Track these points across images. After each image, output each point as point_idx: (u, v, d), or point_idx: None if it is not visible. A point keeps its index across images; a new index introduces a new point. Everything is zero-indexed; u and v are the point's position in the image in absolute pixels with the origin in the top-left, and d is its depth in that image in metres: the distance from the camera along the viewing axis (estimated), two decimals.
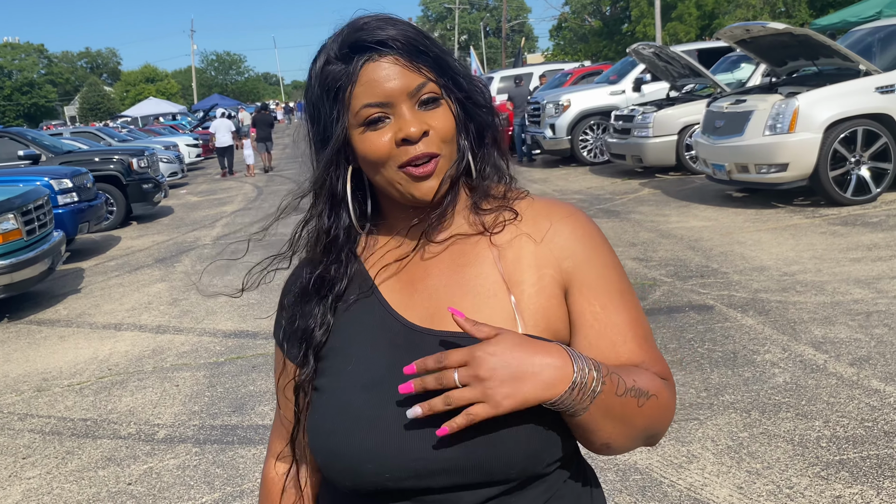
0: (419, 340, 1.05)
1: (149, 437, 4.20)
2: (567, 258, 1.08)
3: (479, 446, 0.97)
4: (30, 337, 6.50)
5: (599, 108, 13.87)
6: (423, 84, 1.04)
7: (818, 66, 8.78)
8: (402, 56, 1.03)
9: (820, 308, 4.97)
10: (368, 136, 1.04)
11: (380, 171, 1.06)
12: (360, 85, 1.03)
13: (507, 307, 1.05)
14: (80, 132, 20.20)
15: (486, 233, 1.10)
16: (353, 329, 1.11)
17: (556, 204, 1.14)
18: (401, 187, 1.05)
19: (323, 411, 1.07)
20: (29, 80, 75.06)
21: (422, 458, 0.98)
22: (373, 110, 1.03)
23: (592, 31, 48.47)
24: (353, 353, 1.08)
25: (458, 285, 1.08)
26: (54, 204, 9.02)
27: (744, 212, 8.35)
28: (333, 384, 1.08)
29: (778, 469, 3.16)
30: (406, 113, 1.03)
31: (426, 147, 1.03)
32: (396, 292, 1.11)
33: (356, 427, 1.02)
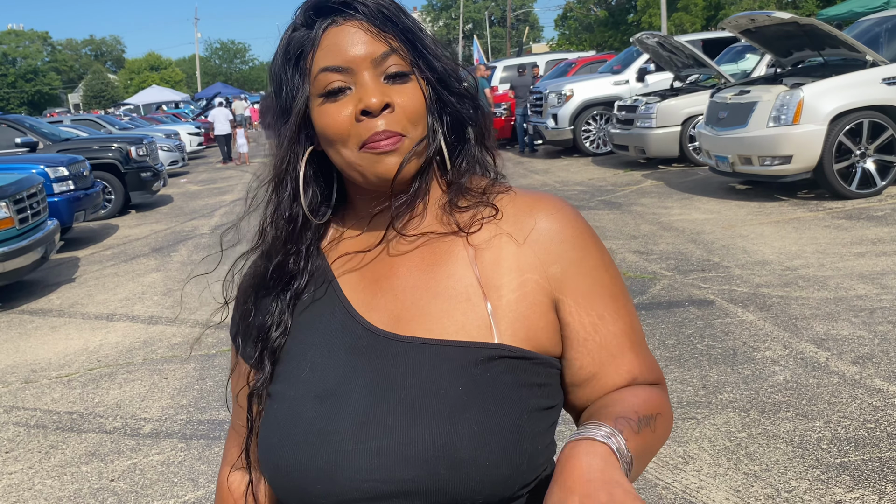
0: (382, 346, 0.94)
1: (134, 432, 4.12)
2: (554, 262, 0.96)
3: (443, 469, 0.86)
4: (21, 327, 6.42)
5: (603, 98, 13.74)
6: (389, 53, 0.94)
7: (824, 57, 8.64)
8: (368, 21, 0.93)
9: (822, 304, 4.86)
10: (327, 108, 0.94)
11: (339, 150, 0.95)
12: (321, 49, 0.94)
13: (483, 313, 0.93)
14: (81, 120, 20.11)
15: (461, 232, 0.98)
16: (310, 331, 1.00)
17: (539, 198, 1.01)
18: (362, 169, 0.95)
19: (273, 422, 0.97)
20: (33, 67, 74.91)
21: (377, 480, 0.88)
22: (332, 76, 0.93)
23: (598, 21, 48.08)
24: (309, 357, 0.97)
25: (426, 286, 0.96)
26: (49, 192, 8.94)
27: (747, 204, 8.23)
28: (286, 391, 0.97)
29: (776, 471, 3.06)
30: (368, 82, 0.93)
31: (388, 124, 0.93)
32: (359, 291, 1.00)
33: (305, 441, 0.91)
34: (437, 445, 0.87)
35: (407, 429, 0.88)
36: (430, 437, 0.87)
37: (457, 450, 0.86)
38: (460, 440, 0.86)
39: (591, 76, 14.89)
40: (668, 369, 4.13)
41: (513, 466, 0.89)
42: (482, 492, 0.88)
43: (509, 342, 0.92)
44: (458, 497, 0.88)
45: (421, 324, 0.94)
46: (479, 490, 0.88)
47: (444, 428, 0.87)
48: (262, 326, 1.02)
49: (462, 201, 1.01)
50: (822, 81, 7.73)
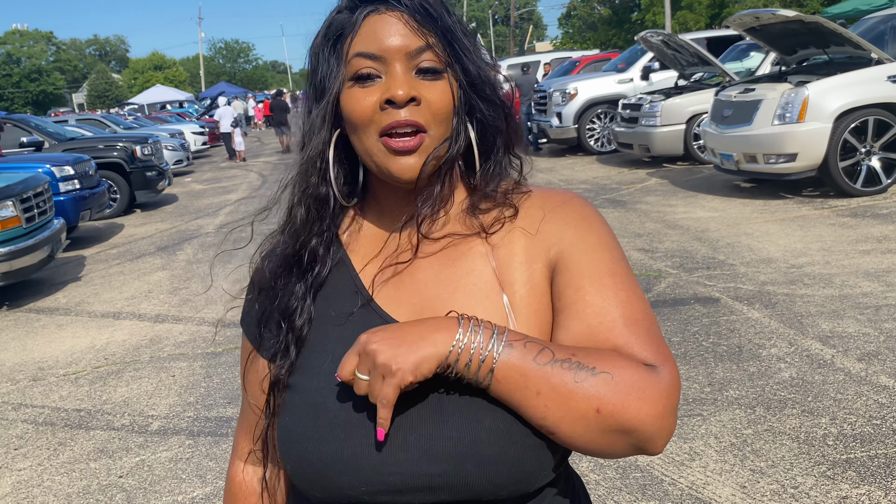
0: None
1: (142, 429, 4.14)
2: (554, 245, 0.97)
3: (468, 464, 0.87)
4: (28, 325, 6.45)
5: (607, 96, 13.73)
6: (424, 48, 0.94)
7: (829, 55, 8.63)
8: (409, 14, 0.95)
9: (828, 301, 4.86)
10: (355, 91, 0.95)
11: (360, 136, 0.96)
12: (359, 35, 0.96)
13: (500, 308, 0.95)
14: (86, 119, 20.15)
15: (482, 234, 1.00)
16: (331, 322, 1.01)
17: (551, 193, 1.04)
18: (377, 160, 0.96)
19: (295, 413, 0.97)
20: (37, 67, 75.08)
21: (403, 473, 0.88)
22: (364, 62, 0.94)
23: (602, 20, 48.07)
24: (331, 349, 0.98)
25: (448, 282, 0.98)
26: (56, 191, 8.97)
27: (751, 202, 8.23)
28: (308, 383, 0.97)
29: (783, 468, 3.07)
30: (399, 73, 0.94)
31: (411, 115, 0.93)
32: (380, 285, 1.01)
33: (330, 434, 0.91)
34: (464, 442, 0.87)
35: (434, 425, 0.89)
36: (458, 434, 0.88)
37: (483, 446, 0.87)
38: (486, 437, 0.87)
39: (595, 74, 14.88)
40: None
41: (536, 463, 0.90)
42: (507, 488, 0.89)
43: (525, 332, 0.93)
44: (483, 493, 0.89)
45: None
46: (503, 486, 0.89)
47: (470, 425, 0.88)
48: (286, 310, 1.02)
49: (484, 203, 1.02)
50: (827, 79, 7.72)
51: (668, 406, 0.86)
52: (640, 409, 0.84)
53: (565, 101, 13.89)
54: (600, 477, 3.15)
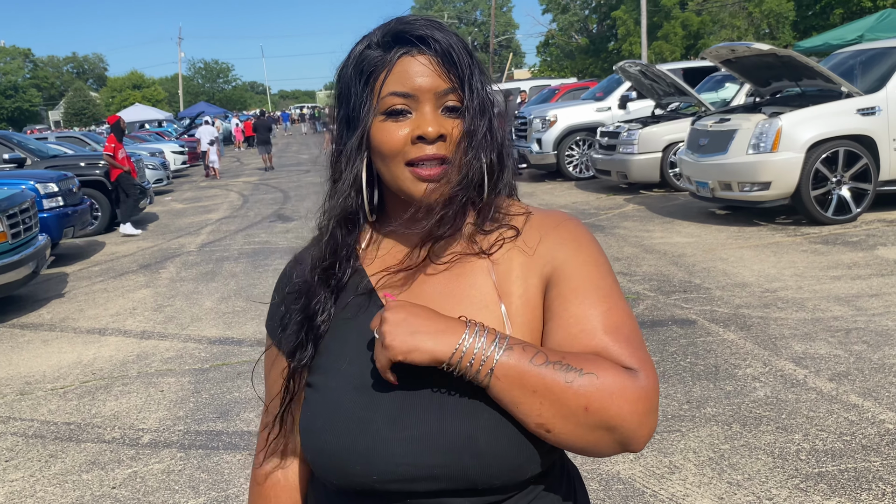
0: None
1: (133, 442, 4.20)
2: (548, 263, 1.10)
3: (466, 456, 1.00)
4: (12, 340, 6.47)
5: (586, 124, 13.99)
6: (450, 90, 1.06)
7: (801, 87, 8.93)
8: (436, 58, 1.06)
9: (800, 324, 5.05)
10: (388, 125, 1.06)
11: (388, 164, 1.07)
12: (393, 74, 1.05)
13: (499, 317, 1.07)
14: (66, 137, 20.11)
15: (484, 254, 1.11)
16: (348, 328, 1.12)
17: (549, 215, 1.16)
18: (403, 185, 1.07)
19: (314, 409, 1.10)
20: (13, 83, 74.53)
21: (408, 464, 1.01)
22: (397, 100, 1.05)
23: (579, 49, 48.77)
24: (347, 352, 1.10)
25: (453, 294, 1.10)
26: (40, 208, 8.99)
27: (727, 229, 8.45)
28: (326, 382, 1.10)
29: (758, 481, 3.21)
30: (428, 112, 1.05)
31: (438, 150, 1.05)
32: (392, 293, 1.12)
33: (346, 428, 1.04)
34: (462, 437, 1.00)
35: (436, 421, 1.02)
36: (456, 430, 1.01)
37: (478, 441, 1.00)
38: (481, 433, 1.00)
39: (574, 102, 15.17)
40: None
41: (526, 456, 1.03)
42: (500, 477, 1.02)
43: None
44: (479, 482, 1.02)
45: None
46: (497, 475, 1.02)
47: (467, 422, 1.01)
48: (308, 310, 1.14)
49: (488, 225, 1.14)
50: (800, 111, 7.99)
51: (647, 406, 0.97)
52: (622, 407, 0.95)
53: (545, 128, 14.14)
54: None
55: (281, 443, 1.23)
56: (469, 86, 1.08)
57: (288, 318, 1.17)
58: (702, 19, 37.83)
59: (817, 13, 32.94)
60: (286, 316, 1.18)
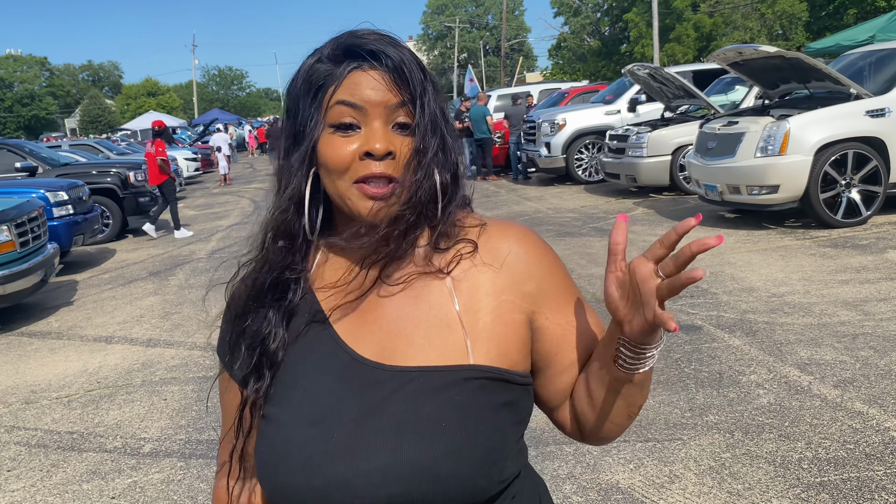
0: (368, 375, 1.03)
1: (134, 451, 4.20)
2: (527, 281, 1.09)
3: (424, 484, 0.97)
4: (20, 349, 6.51)
5: (595, 127, 13.96)
6: (400, 105, 1.03)
7: (809, 90, 8.86)
8: (388, 73, 1.04)
9: (807, 329, 4.99)
10: (335, 139, 1.03)
11: (335, 180, 1.04)
12: (343, 86, 1.03)
13: (460, 339, 1.04)
14: (79, 145, 20.27)
15: (442, 272, 1.08)
16: (301, 357, 1.09)
17: (508, 227, 1.14)
18: (350, 203, 1.04)
19: (268, 443, 1.06)
20: (30, 91, 75.27)
21: (366, 496, 0.98)
22: (346, 110, 1.03)
23: (591, 51, 48.66)
24: (300, 383, 1.07)
25: (410, 317, 1.07)
26: (49, 216, 9.06)
27: (735, 232, 8.39)
28: (280, 415, 1.06)
29: (759, 490, 3.17)
30: (378, 128, 1.03)
31: (386, 168, 1.03)
32: (346, 322, 1.09)
33: (301, 465, 1.01)
34: (419, 464, 0.97)
35: (392, 451, 0.99)
36: (414, 458, 0.98)
37: (438, 469, 0.98)
38: (441, 460, 0.98)
39: (583, 106, 15.13)
40: (655, 392, 4.25)
41: (487, 478, 1.01)
42: (460, 500, 1.00)
43: (483, 362, 1.04)
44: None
45: (405, 352, 1.05)
46: (457, 499, 1.00)
47: (426, 449, 0.98)
48: (258, 335, 1.10)
49: (444, 242, 1.11)
50: (808, 113, 7.93)
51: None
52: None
53: (554, 132, 14.10)
54: (583, 499, 3.24)
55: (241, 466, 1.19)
56: (421, 102, 1.05)
57: (237, 343, 1.13)
58: (714, 21, 37.65)
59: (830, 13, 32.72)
60: (236, 339, 1.13)
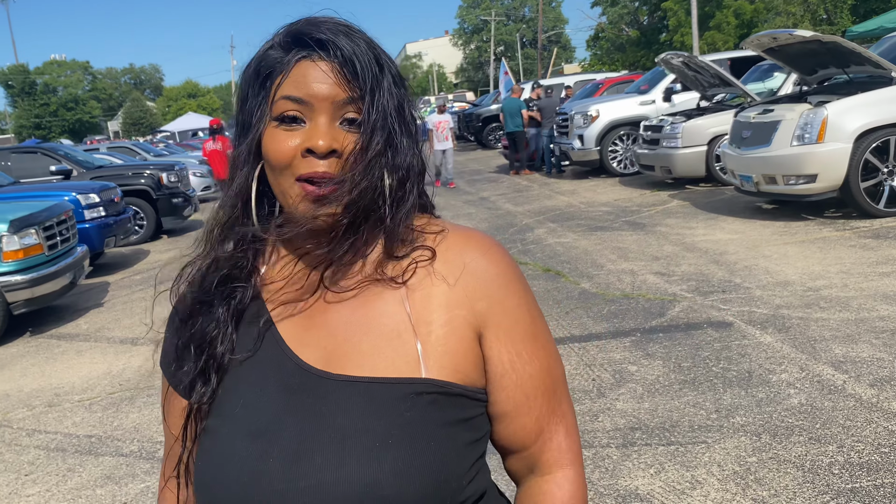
0: (313, 384, 0.96)
1: (149, 455, 4.17)
2: (480, 299, 0.99)
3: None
4: (48, 351, 6.55)
5: (629, 118, 13.70)
6: (349, 101, 0.95)
7: (849, 74, 8.54)
8: (339, 65, 0.96)
9: (843, 325, 4.78)
10: (278, 134, 0.97)
11: (277, 176, 0.97)
12: (289, 77, 0.96)
13: (412, 350, 0.96)
14: (116, 147, 20.56)
15: (396, 282, 0.99)
16: (246, 365, 1.01)
17: (469, 238, 1.04)
18: (292, 202, 0.97)
19: (207, 458, 0.99)
20: (74, 96, 76.82)
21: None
22: (290, 105, 0.96)
23: (629, 41, 48.00)
24: (241, 392, 0.99)
25: (359, 323, 0.98)
26: (80, 218, 9.14)
27: (772, 224, 8.13)
28: (220, 427, 0.99)
29: (785, 497, 3.00)
30: (322, 124, 0.95)
31: (329, 168, 0.95)
32: (292, 326, 1.01)
33: (238, 481, 0.93)
34: (362, 484, 0.88)
35: (335, 468, 0.90)
36: (357, 476, 0.89)
37: (381, 488, 0.88)
38: (385, 478, 0.88)
39: (617, 97, 14.87)
40: (681, 392, 4.09)
41: (436, 499, 0.91)
42: None
43: (436, 376, 0.94)
44: None
45: (352, 361, 0.96)
46: None
47: (370, 466, 0.89)
48: (205, 337, 1.02)
49: (399, 249, 1.01)
50: (847, 99, 7.63)
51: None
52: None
53: (587, 124, 13.88)
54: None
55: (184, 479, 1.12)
56: (371, 98, 0.96)
57: (183, 349, 1.05)
58: (755, 7, 36.85)
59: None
60: (182, 347, 1.05)
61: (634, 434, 3.69)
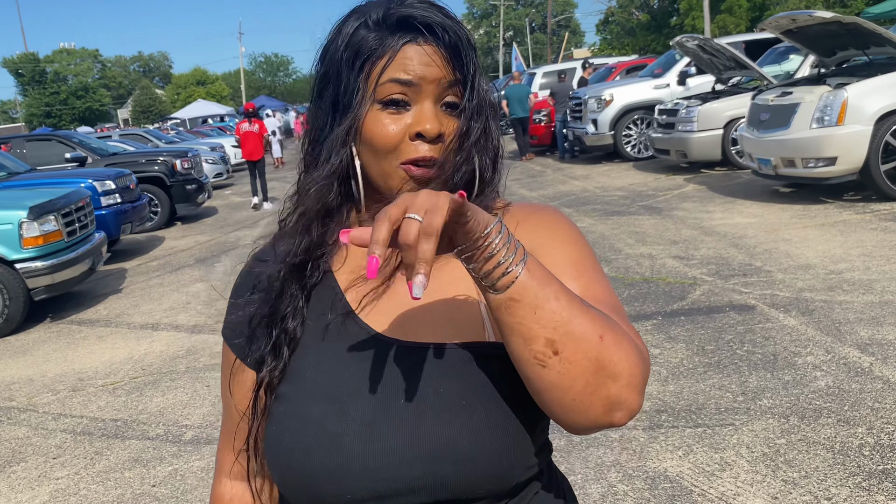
0: (385, 350, 0.98)
1: (176, 438, 4.20)
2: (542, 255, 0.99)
3: (446, 466, 0.90)
4: (69, 337, 6.59)
5: (643, 102, 13.61)
6: (453, 83, 0.98)
7: (869, 56, 8.46)
8: (443, 49, 0.97)
9: (867, 308, 4.75)
10: (383, 117, 0.97)
11: (380, 159, 0.98)
12: (396, 61, 0.96)
13: (478, 315, 0.98)
14: (128, 134, 20.59)
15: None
16: (313, 332, 1.03)
17: (528, 206, 1.08)
18: (392, 182, 0.98)
19: (282, 423, 0.99)
20: (84, 84, 76.86)
21: (385, 479, 0.91)
22: (397, 88, 0.96)
23: (640, 25, 47.66)
24: (313, 359, 1.00)
25: (429, 292, 0.99)
26: (97, 205, 9.17)
27: (790, 207, 8.08)
28: (294, 393, 1.00)
29: (816, 478, 3.00)
30: (428, 108, 0.97)
31: (433, 150, 0.97)
32: (362, 296, 1.02)
33: (317, 443, 0.94)
34: (439, 444, 0.90)
35: (411, 429, 0.92)
36: (433, 437, 0.91)
37: (458, 446, 0.90)
38: (461, 438, 0.90)
39: (631, 80, 14.78)
40: (706, 375, 4.08)
41: (510, 461, 0.93)
42: (484, 486, 0.92)
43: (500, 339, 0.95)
44: (460, 491, 0.92)
45: (422, 327, 0.98)
46: (480, 484, 0.92)
47: (446, 426, 0.91)
48: (278, 313, 1.03)
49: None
50: (867, 81, 7.56)
51: (645, 372, 0.87)
52: (630, 356, 0.85)
53: (601, 108, 13.81)
54: (629, 488, 3.11)
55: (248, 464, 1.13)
56: (472, 84, 0.99)
57: (254, 323, 1.06)
58: None
59: None
60: (252, 320, 1.06)
61: (661, 416, 3.69)
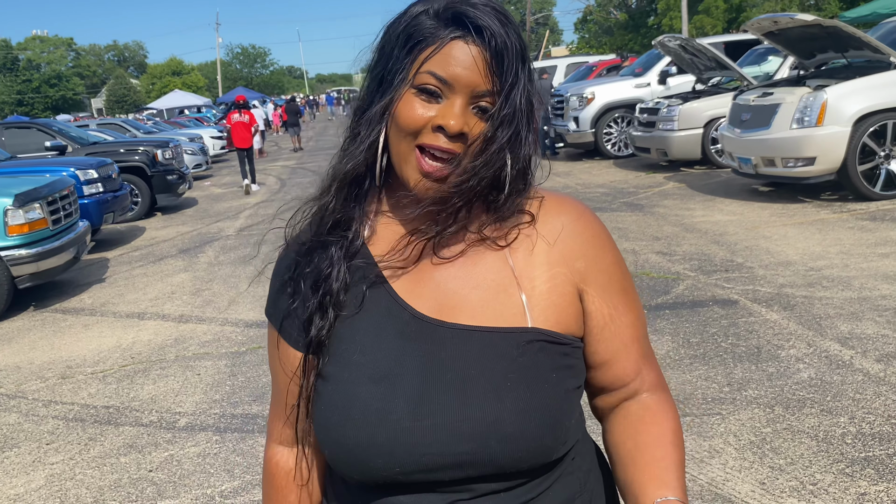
0: (429, 332, 1.03)
1: (170, 425, 4.23)
2: (579, 258, 1.07)
3: (493, 442, 0.97)
4: (55, 325, 6.57)
5: (624, 100, 13.74)
6: (487, 93, 0.99)
7: (847, 59, 8.64)
8: (489, 53, 0.98)
9: (846, 303, 4.89)
10: (414, 101, 1.00)
11: (401, 139, 1.01)
12: (440, 53, 0.99)
13: (518, 302, 1.03)
14: (107, 124, 20.40)
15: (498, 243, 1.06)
16: (357, 314, 1.07)
17: (566, 202, 1.11)
18: (404, 167, 1.02)
19: (330, 402, 1.04)
20: (57, 72, 75.84)
21: (434, 454, 0.98)
22: (432, 80, 0.99)
23: (618, 24, 47.96)
24: (359, 340, 1.05)
25: (467, 278, 1.05)
26: (80, 194, 9.11)
27: (770, 206, 8.24)
28: (340, 374, 1.04)
29: (801, 465, 3.11)
30: (458, 105, 0.99)
31: (450, 144, 0.99)
32: (403, 279, 1.07)
33: (365, 421, 0.99)
34: (487, 422, 0.97)
35: (459, 407, 0.98)
36: (481, 414, 0.97)
37: (504, 425, 0.97)
38: (507, 416, 0.97)
39: (612, 79, 14.91)
40: (692, 367, 4.18)
41: (553, 438, 1.01)
42: (527, 461, 0.99)
43: (542, 325, 1.03)
44: (505, 466, 0.99)
45: (464, 311, 1.03)
46: (524, 459, 0.99)
47: (492, 406, 0.97)
48: (321, 273, 1.07)
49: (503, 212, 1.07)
50: (846, 83, 7.73)
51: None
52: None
53: (582, 106, 13.93)
54: None
55: (295, 433, 1.18)
56: (507, 95, 1.00)
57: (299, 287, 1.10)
58: None
59: None
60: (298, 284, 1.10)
61: None
